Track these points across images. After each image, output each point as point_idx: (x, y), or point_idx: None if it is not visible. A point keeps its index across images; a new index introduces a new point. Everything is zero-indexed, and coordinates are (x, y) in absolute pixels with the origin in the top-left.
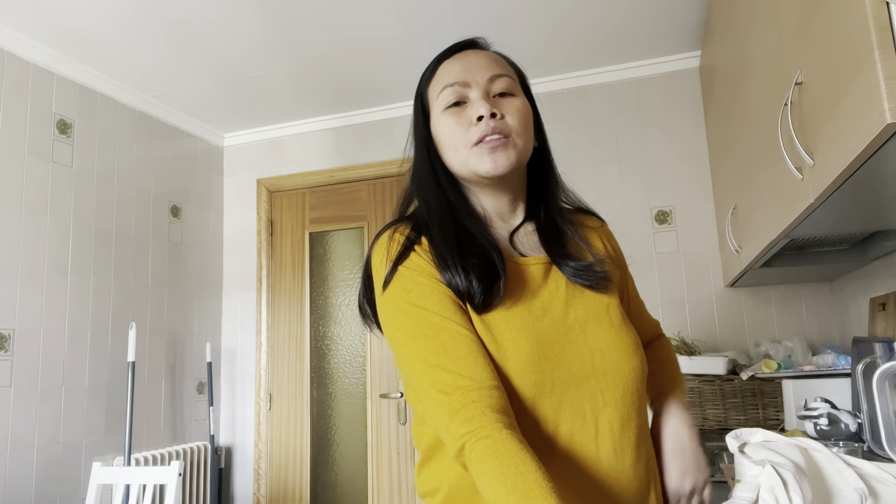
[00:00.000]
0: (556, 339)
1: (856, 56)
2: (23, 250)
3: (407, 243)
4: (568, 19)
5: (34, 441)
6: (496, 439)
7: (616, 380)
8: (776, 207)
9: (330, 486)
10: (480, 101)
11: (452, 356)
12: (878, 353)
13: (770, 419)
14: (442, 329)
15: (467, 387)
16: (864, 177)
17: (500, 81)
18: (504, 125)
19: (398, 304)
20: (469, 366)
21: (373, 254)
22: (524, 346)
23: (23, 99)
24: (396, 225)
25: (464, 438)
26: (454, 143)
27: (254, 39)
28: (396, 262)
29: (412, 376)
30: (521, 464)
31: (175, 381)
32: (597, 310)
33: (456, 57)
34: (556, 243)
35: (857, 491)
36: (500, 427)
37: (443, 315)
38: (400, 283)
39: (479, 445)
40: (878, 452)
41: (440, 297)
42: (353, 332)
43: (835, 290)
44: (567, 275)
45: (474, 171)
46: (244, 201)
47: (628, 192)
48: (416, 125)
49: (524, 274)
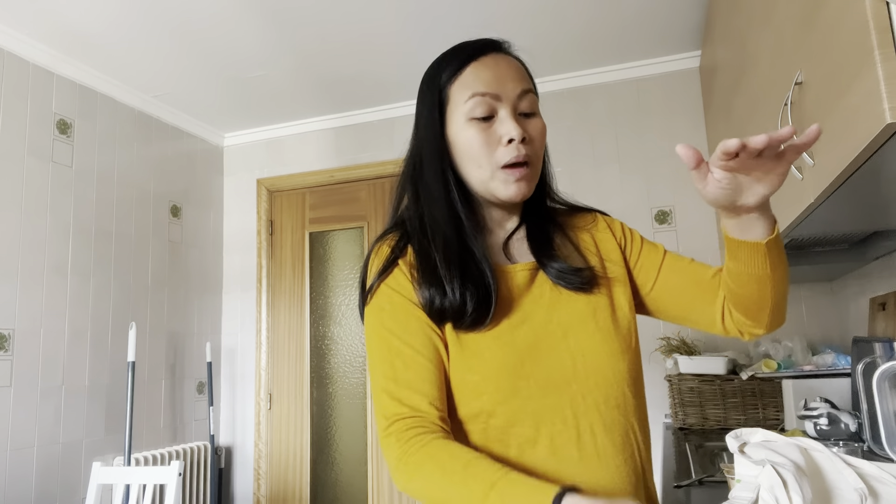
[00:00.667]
0: (534, 345)
1: (856, 56)
2: (23, 250)
3: (391, 257)
4: (568, 19)
5: (34, 441)
6: (427, 448)
7: (599, 383)
8: (776, 207)
9: (330, 486)
10: (511, 123)
11: (399, 383)
12: (878, 353)
13: (770, 419)
14: (398, 354)
15: (402, 414)
16: (864, 177)
17: (527, 99)
18: (530, 151)
19: (372, 321)
20: (411, 395)
21: (368, 264)
22: (498, 353)
23: (23, 99)
24: (386, 236)
25: (398, 457)
26: (478, 160)
27: (254, 39)
28: (378, 276)
29: (373, 393)
30: (454, 451)
31: (175, 381)
32: (582, 313)
33: (485, 62)
34: (543, 247)
35: (857, 491)
36: (429, 438)
37: (402, 339)
38: (377, 300)
39: (412, 459)
40: (878, 452)
41: (406, 319)
42: (353, 331)
43: (835, 289)
44: (550, 277)
45: (493, 192)
46: (244, 201)
47: (628, 192)
48: (428, 122)
49: (509, 282)
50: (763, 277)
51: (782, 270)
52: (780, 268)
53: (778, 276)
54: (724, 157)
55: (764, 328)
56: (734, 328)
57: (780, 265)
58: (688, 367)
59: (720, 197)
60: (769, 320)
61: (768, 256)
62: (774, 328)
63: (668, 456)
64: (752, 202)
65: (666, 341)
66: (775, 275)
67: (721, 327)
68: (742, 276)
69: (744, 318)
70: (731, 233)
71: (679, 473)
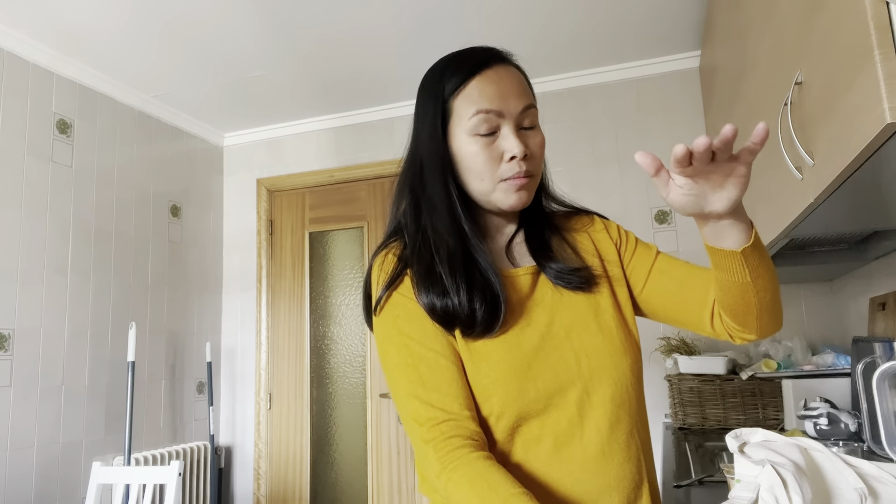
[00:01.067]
0: (540, 347)
1: (856, 56)
2: (22, 250)
3: (399, 266)
4: (567, 18)
5: (34, 441)
6: (467, 469)
7: (604, 381)
8: (776, 207)
9: (330, 486)
10: (514, 140)
11: (427, 387)
12: (878, 353)
13: (770, 419)
14: (421, 358)
15: (437, 418)
16: (864, 177)
17: (529, 114)
18: (531, 165)
19: (387, 328)
20: (441, 398)
21: (370, 273)
22: (506, 356)
23: (23, 99)
24: (389, 245)
25: (438, 473)
26: (480, 174)
27: (253, 39)
28: (388, 286)
29: (396, 401)
30: (493, 482)
31: (175, 381)
32: (583, 313)
33: (489, 76)
34: (542, 250)
35: (856, 491)
36: (467, 453)
37: (423, 344)
38: (390, 307)
39: (453, 476)
40: (877, 452)
41: (423, 324)
42: (353, 331)
43: (835, 289)
44: (550, 278)
45: (494, 203)
46: (244, 201)
47: (628, 192)
48: (431, 133)
49: (513, 286)
50: (745, 284)
51: (766, 278)
52: (764, 275)
53: (761, 283)
54: (677, 165)
55: (755, 333)
56: (724, 331)
57: (762, 272)
58: (688, 366)
59: (686, 204)
60: (758, 326)
61: (746, 264)
62: (767, 334)
63: (668, 456)
64: (721, 208)
65: (666, 341)
66: (757, 283)
67: (710, 330)
68: (724, 283)
69: (733, 322)
70: (708, 241)
71: (679, 473)
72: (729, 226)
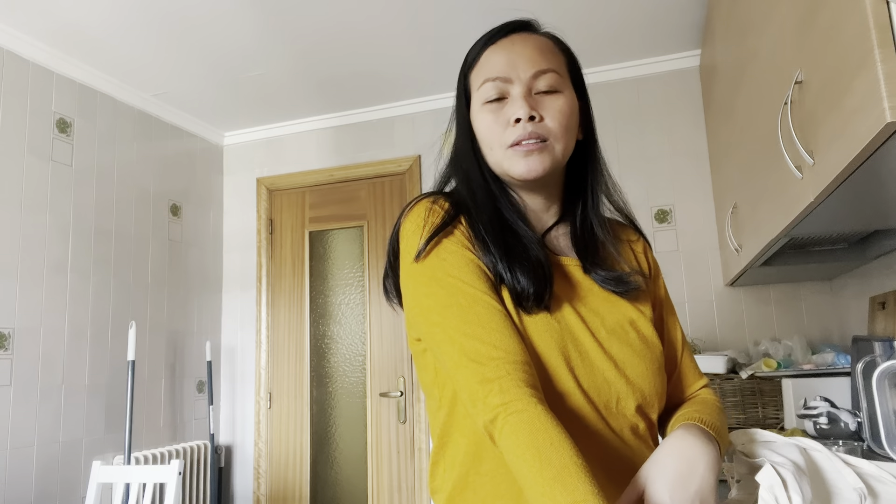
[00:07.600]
0: (580, 341)
1: (856, 55)
2: (22, 249)
3: (447, 217)
4: (567, 18)
5: (34, 440)
6: (530, 413)
7: (636, 389)
8: (776, 206)
9: (330, 485)
10: (520, 101)
11: (487, 327)
12: (878, 352)
13: (770, 418)
14: (476, 300)
15: (501, 358)
16: (864, 176)
17: (545, 78)
18: (542, 128)
19: (432, 272)
20: (503, 339)
21: (406, 221)
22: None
23: (22, 98)
24: (435, 196)
25: (497, 410)
26: (490, 142)
27: (253, 38)
28: (436, 232)
29: (441, 345)
30: (556, 439)
31: (175, 380)
32: (621, 323)
33: (501, 44)
34: (588, 249)
35: (856, 490)
36: (534, 402)
37: (477, 287)
38: (437, 252)
39: (512, 419)
40: (877, 451)
41: (475, 270)
42: (353, 331)
43: (834, 288)
44: (596, 281)
45: (507, 172)
46: (244, 200)
47: (628, 191)
48: (458, 109)
49: (564, 273)
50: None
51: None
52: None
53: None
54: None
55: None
56: (655, 429)
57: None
58: None
59: None
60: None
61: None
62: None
63: None
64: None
65: None
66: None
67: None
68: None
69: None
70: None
71: None
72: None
